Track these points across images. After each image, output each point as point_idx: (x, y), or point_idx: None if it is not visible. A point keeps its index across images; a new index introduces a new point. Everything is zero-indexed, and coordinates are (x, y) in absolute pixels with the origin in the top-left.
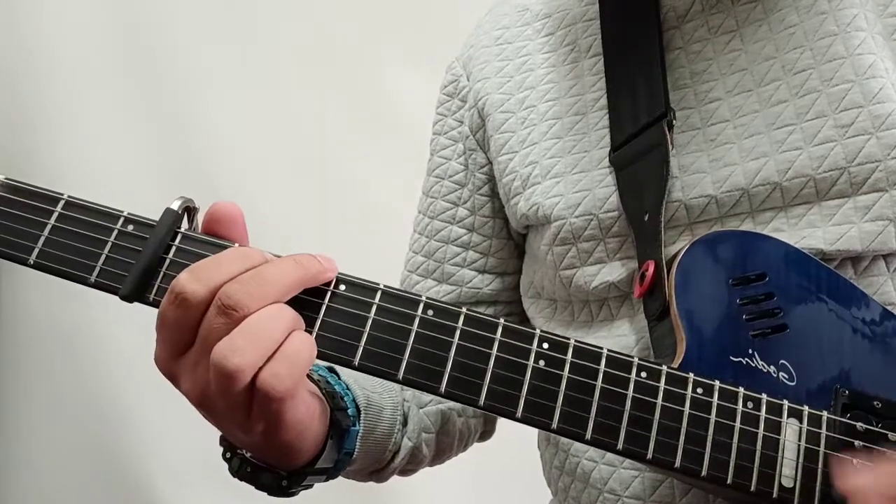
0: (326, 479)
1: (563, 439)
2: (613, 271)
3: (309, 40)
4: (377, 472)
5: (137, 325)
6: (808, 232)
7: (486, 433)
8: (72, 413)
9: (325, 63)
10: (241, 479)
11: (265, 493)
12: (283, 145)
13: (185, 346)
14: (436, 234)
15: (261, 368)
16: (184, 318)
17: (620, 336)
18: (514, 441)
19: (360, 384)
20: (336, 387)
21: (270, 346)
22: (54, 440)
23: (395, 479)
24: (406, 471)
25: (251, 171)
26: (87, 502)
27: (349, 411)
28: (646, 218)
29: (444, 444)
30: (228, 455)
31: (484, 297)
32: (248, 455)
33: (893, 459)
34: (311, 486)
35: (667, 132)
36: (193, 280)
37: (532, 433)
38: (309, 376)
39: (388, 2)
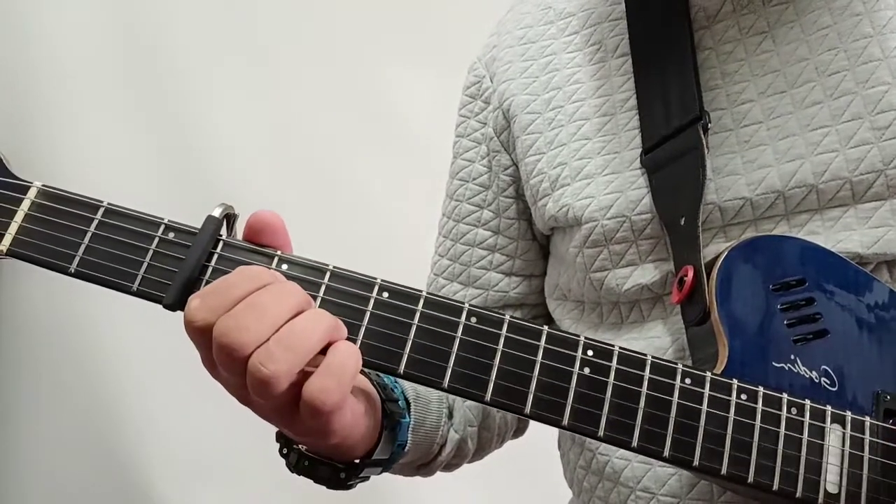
0: (381, 472)
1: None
2: (646, 273)
3: (309, 40)
4: (425, 465)
5: (140, 322)
6: (844, 235)
7: (520, 430)
8: (73, 411)
9: (326, 63)
10: (298, 474)
11: (270, 490)
12: (284, 145)
13: None
14: (461, 237)
15: (308, 382)
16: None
17: (653, 338)
18: (521, 442)
19: None
20: (385, 379)
21: (307, 352)
22: (55, 437)
23: (397, 481)
24: (451, 465)
25: (251, 170)
26: (87, 500)
27: (400, 403)
28: (682, 222)
29: (485, 438)
30: (285, 451)
31: (511, 301)
32: (305, 449)
33: None
34: (367, 478)
35: (702, 135)
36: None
37: (539, 435)
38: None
39: (388, 3)
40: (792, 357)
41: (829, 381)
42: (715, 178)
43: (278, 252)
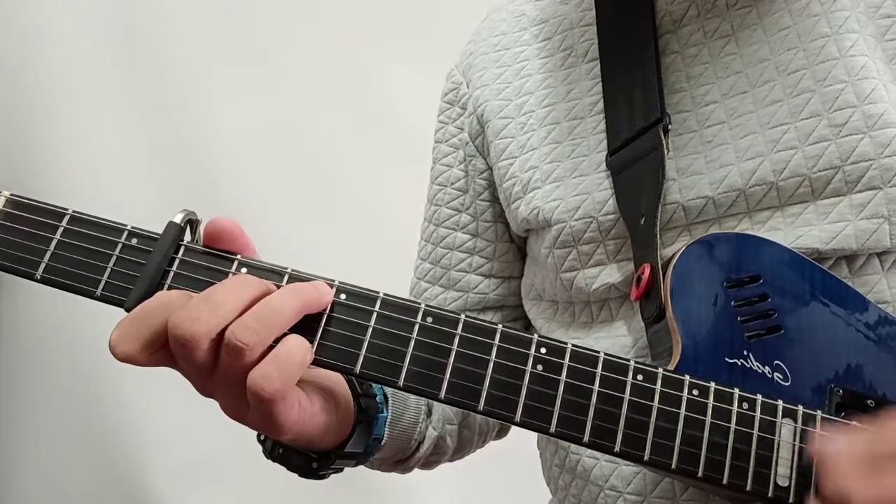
0: (356, 464)
1: None
2: (613, 273)
3: (309, 40)
4: (402, 461)
5: None
6: (804, 230)
7: (503, 431)
8: (73, 414)
9: (325, 64)
10: (273, 461)
11: (269, 492)
12: (283, 145)
13: None
14: (441, 240)
15: (253, 369)
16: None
17: (619, 336)
18: (511, 443)
19: None
20: None
21: (278, 327)
22: (56, 440)
23: (393, 482)
24: (429, 462)
25: (251, 170)
26: (87, 501)
27: (377, 398)
28: (642, 221)
29: (466, 436)
30: (262, 437)
31: (490, 303)
32: None
33: (866, 427)
34: (340, 469)
35: (662, 137)
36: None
37: (530, 435)
38: None
39: (389, 4)
40: (745, 353)
41: (781, 376)
42: (679, 178)
43: (238, 256)
